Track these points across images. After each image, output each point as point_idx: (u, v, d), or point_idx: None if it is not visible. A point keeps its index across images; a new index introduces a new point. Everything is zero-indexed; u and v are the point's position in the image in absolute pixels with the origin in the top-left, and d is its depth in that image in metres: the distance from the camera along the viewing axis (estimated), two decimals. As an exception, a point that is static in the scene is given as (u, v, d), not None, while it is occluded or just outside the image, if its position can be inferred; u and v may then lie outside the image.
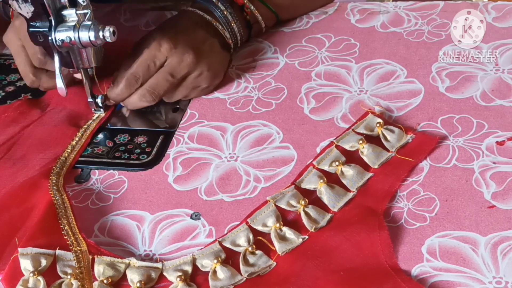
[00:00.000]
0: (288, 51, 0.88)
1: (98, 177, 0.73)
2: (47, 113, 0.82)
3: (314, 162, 0.68)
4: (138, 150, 0.75)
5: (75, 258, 0.61)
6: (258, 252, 0.61)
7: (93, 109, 0.80)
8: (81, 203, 0.70)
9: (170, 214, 0.67)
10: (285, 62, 0.87)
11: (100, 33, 0.70)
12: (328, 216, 0.63)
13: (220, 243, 0.62)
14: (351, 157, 0.69)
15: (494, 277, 0.56)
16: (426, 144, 0.69)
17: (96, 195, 0.71)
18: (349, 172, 0.67)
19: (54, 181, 0.70)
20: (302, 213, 0.63)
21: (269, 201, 0.64)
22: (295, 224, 0.63)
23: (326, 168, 0.68)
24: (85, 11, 0.71)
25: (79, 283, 0.59)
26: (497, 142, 0.69)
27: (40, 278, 0.60)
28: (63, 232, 0.64)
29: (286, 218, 0.64)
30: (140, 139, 0.77)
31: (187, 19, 0.83)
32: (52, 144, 0.77)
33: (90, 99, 0.79)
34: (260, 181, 0.69)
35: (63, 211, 0.67)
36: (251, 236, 0.62)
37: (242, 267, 0.59)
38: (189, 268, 0.60)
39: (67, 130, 0.78)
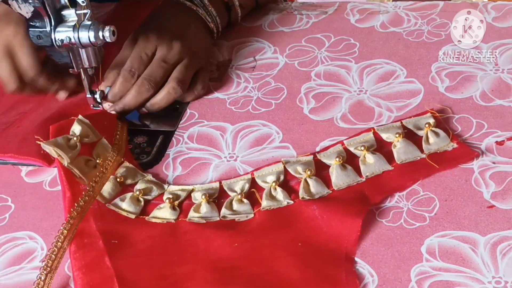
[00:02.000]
0: (288, 51, 0.89)
1: (98, 177, 0.73)
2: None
3: (345, 141, 0.70)
4: (138, 150, 0.75)
5: (112, 151, 0.71)
6: (246, 201, 0.65)
7: (91, 105, 0.80)
8: (80, 203, 0.70)
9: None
10: (284, 62, 0.87)
11: (100, 33, 0.70)
12: (325, 191, 0.65)
13: (220, 183, 0.67)
14: (383, 147, 0.70)
15: (494, 277, 0.56)
16: (463, 157, 0.68)
17: (95, 195, 0.71)
18: (370, 160, 0.67)
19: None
20: (303, 181, 0.65)
21: (281, 161, 0.68)
22: (290, 188, 0.66)
23: (352, 149, 0.69)
24: (85, 11, 0.71)
25: (101, 169, 0.68)
26: (496, 142, 0.69)
27: (78, 144, 0.70)
28: (116, 133, 0.74)
29: (287, 181, 0.67)
30: (140, 139, 0.77)
31: (168, 9, 0.85)
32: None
33: (88, 95, 0.79)
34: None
35: (120, 127, 0.76)
36: (246, 186, 0.66)
37: (223, 209, 0.65)
38: (183, 195, 0.67)
39: None
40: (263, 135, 0.75)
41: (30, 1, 0.69)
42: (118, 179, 0.68)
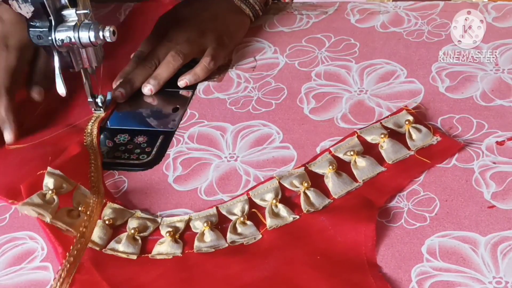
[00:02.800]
0: (288, 51, 0.89)
1: (98, 177, 0.73)
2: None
3: (331, 149, 0.69)
4: (138, 150, 0.75)
5: (92, 195, 0.66)
6: (249, 223, 0.63)
7: (93, 109, 0.80)
8: (81, 203, 0.70)
9: (170, 214, 0.67)
10: (285, 62, 0.87)
11: (100, 33, 0.70)
12: (327, 201, 0.64)
13: (217, 208, 0.65)
14: (370, 149, 0.69)
15: (494, 277, 0.56)
16: (449, 149, 0.68)
17: (96, 195, 0.71)
18: (362, 164, 0.67)
19: (89, 130, 0.76)
20: (302, 195, 0.64)
21: (275, 177, 0.66)
22: (292, 203, 0.65)
23: (341, 155, 0.69)
24: (85, 11, 0.71)
25: (85, 218, 0.63)
26: (497, 142, 0.69)
27: (55, 197, 0.64)
28: (90, 175, 0.69)
29: (286, 197, 0.66)
30: (140, 139, 0.77)
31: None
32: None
33: (90, 99, 0.79)
34: (260, 181, 0.69)
35: (93, 159, 0.72)
36: (246, 207, 0.64)
37: (228, 234, 0.62)
38: (181, 226, 0.64)
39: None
40: (263, 135, 0.75)
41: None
42: (106, 222, 0.64)
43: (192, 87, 0.84)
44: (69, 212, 0.64)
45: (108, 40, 0.70)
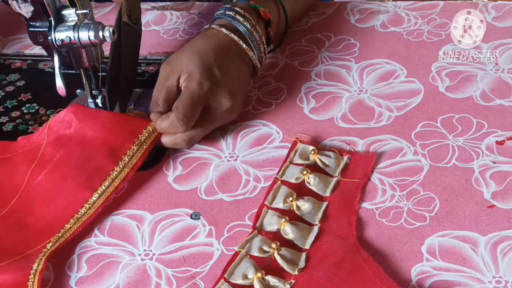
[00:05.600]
0: (288, 51, 0.89)
1: (98, 177, 0.73)
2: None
3: (266, 203, 0.65)
4: (138, 150, 0.75)
5: None
6: None
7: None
8: (81, 203, 0.70)
9: (170, 214, 0.67)
10: (285, 61, 0.87)
11: (100, 33, 0.70)
12: (303, 255, 0.60)
13: None
14: (301, 190, 0.66)
15: (494, 277, 0.56)
16: (365, 162, 0.68)
17: (96, 195, 0.70)
18: (304, 206, 0.64)
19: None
20: (278, 257, 0.59)
21: (240, 251, 0.60)
22: (276, 271, 0.59)
23: (280, 206, 0.64)
24: (85, 11, 0.71)
25: None
26: (497, 142, 0.70)
27: None
28: None
29: (263, 265, 0.59)
30: (140, 139, 0.77)
31: (220, 45, 0.75)
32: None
33: (89, 100, 0.79)
34: (260, 181, 0.69)
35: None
36: None
37: None
38: None
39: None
40: (263, 135, 0.75)
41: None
42: None
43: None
44: None
45: (108, 40, 0.70)
